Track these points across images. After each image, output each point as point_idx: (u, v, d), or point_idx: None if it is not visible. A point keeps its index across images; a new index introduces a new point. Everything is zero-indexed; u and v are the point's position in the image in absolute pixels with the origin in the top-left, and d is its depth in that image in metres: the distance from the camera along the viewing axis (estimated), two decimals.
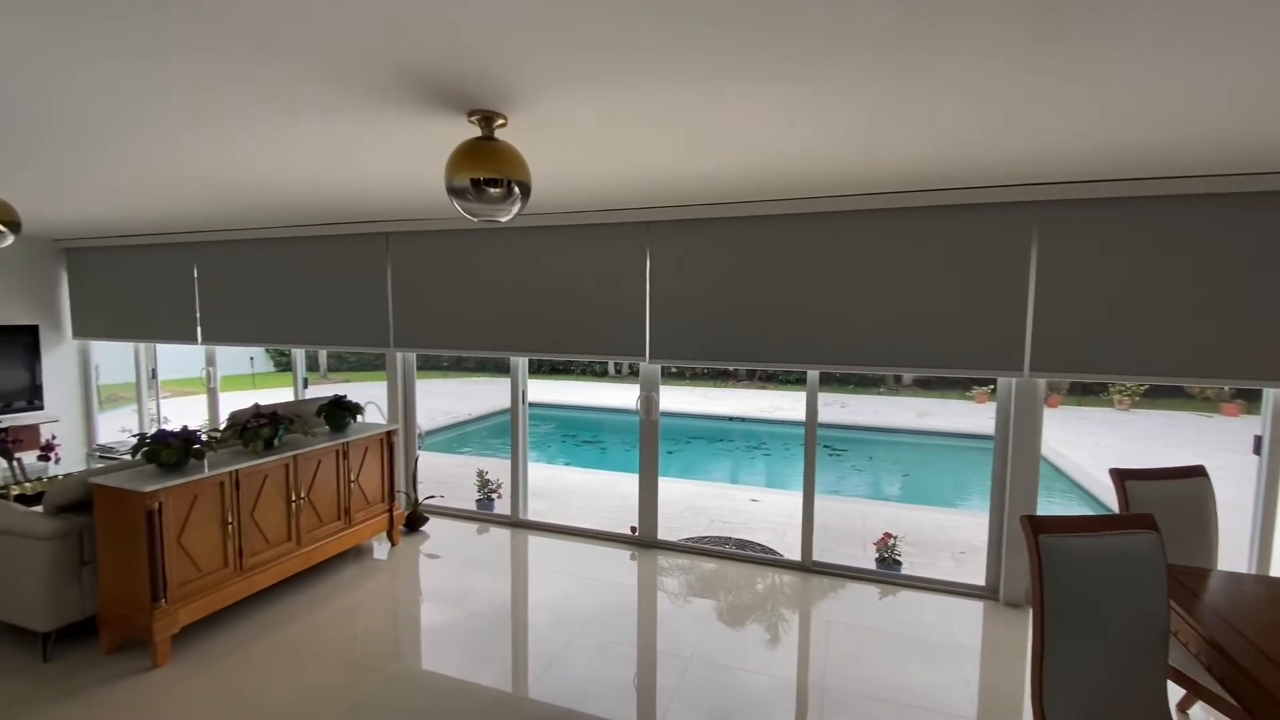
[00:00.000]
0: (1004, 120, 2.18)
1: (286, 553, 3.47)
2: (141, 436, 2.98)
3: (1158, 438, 9.64)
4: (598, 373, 17.21)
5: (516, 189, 2.28)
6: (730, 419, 11.71)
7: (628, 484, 6.20)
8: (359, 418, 4.13)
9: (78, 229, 5.33)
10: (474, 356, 4.61)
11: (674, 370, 16.12)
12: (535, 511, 4.91)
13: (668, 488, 4.44)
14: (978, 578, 3.73)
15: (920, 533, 4.94)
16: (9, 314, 5.66)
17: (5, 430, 5.18)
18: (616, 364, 17.05)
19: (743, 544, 4.56)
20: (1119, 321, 3.17)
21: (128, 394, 6.82)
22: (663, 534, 4.41)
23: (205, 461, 3.14)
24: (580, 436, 11.55)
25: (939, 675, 2.86)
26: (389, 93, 2.01)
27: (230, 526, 3.13)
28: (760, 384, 14.94)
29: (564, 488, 6.24)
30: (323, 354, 17.16)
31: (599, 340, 4.22)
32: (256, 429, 3.28)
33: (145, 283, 5.75)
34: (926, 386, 13.76)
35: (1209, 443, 9.07)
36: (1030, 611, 3.39)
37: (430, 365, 17.07)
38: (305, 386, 5.53)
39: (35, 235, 5.56)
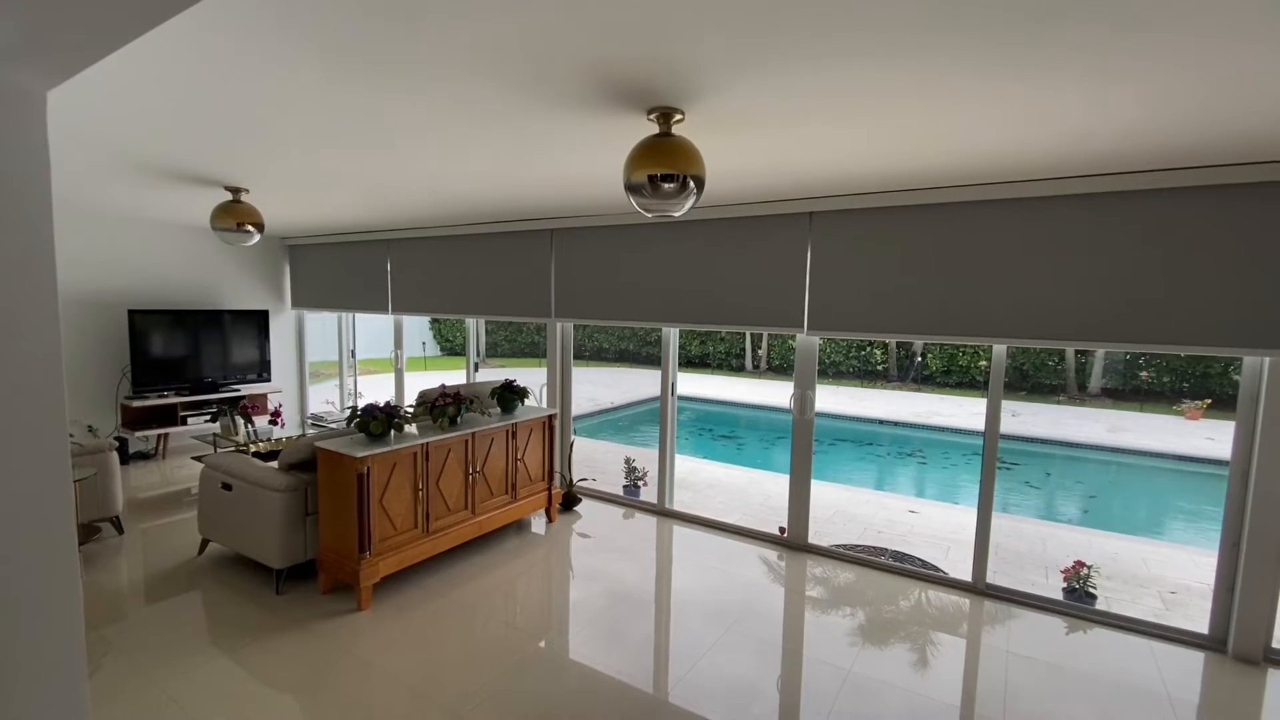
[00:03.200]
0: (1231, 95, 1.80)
1: (463, 520, 3.83)
2: (353, 409, 3.43)
3: None
4: (734, 367, 17.05)
5: (692, 183, 2.30)
6: (881, 422, 11.03)
7: (772, 482, 6.08)
8: (525, 401, 4.43)
9: (298, 229, 6.26)
10: (628, 326, 4.77)
11: (819, 367, 15.52)
12: (679, 502, 4.97)
13: (816, 490, 4.28)
14: (1198, 624, 3.18)
15: (1116, 564, 4.32)
16: (247, 299, 6.80)
17: (245, 398, 6.24)
18: (755, 359, 16.76)
19: (900, 556, 4.28)
20: None
21: (327, 370, 7.91)
22: (812, 538, 4.26)
23: (404, 433, 3.55)
24: (717, 431, 11.52)
25: None
26: (577, 95, 2.11)
27: (420, 493, 3.51)
28: (915, 386, 13.90)
29: (707, 481, 6.26)
30: (482, 340, 18.71)
31: (754, 313, 4.19)
32: (444, 407, 3.64)
33: (348, 268, 6.64)
34: (1118, 397, 11.94)
35: None
36: (1271, 670, 2.85)
37: (576, 355, 17.96)
38: (476, 370, 6.05)
39: (267, 235, 6.61)
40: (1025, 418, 10.61)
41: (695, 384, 14.11)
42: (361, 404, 3.47)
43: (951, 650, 3.10)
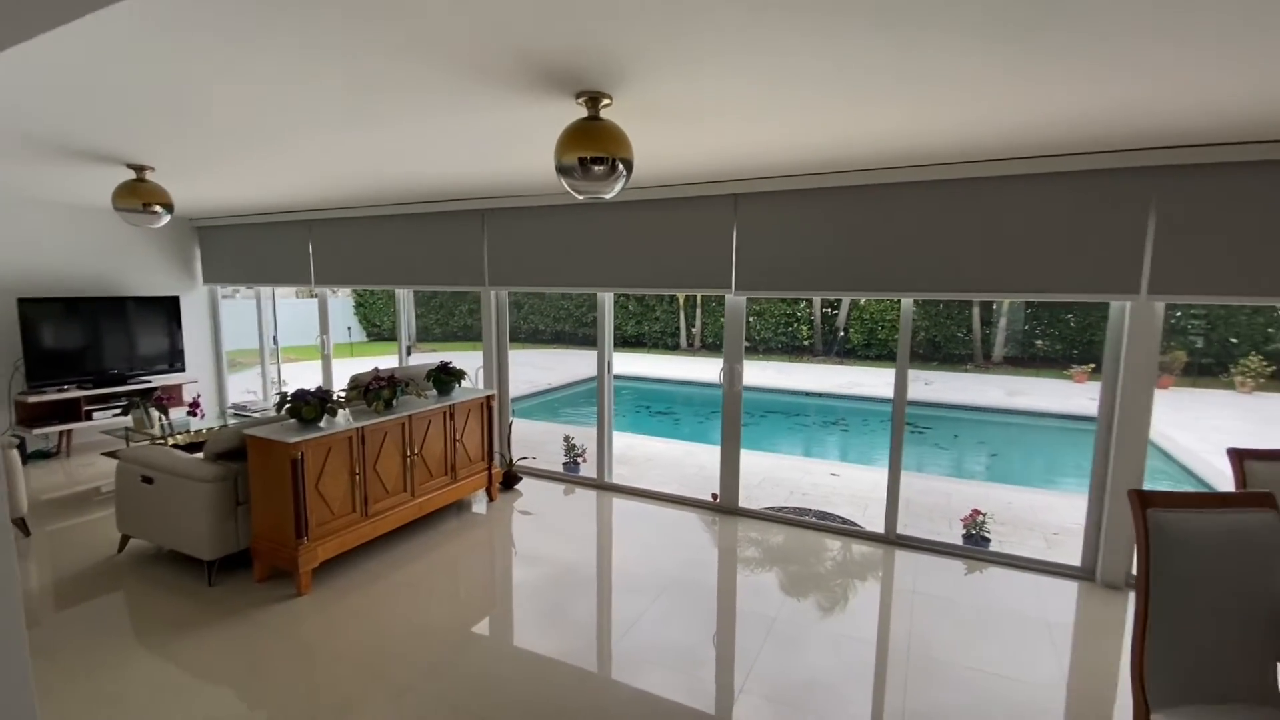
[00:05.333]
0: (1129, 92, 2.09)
1: (402, 502, 3.84)
2: (283, 395, 3.36)
3: None
4: (669, 346, 17.34)
5: (621, 166, 2.40)
6: (807, 394, 11.58)
7: (705, 454, 6.34)
8: (462, 383, 4.45)
9: (211, 209, 5.92)
10: (564, 292, 4.87)
11: (746, 345, 16.03)
12: (618, 476, 5.13)
13: (746, 459, 4.54)
14: (1073, 559, 3.64)
15: (1010, 512, 4.82)
16: (154, 285, 6.39)
17: (159, 390, 5.91)
18: (689, 337, 17.11)
19: (823, 515, 4.62)
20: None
21: (245, 360, 7.56)
22: (743, 502, 4.53)
23: (337, 418, 3.51)
24: (654, 408, 11.76)
25: (1028, 650, 2.85)
26: (504, 77, 2.16)
27: (357, 477, 3.50)
28: (838, 359, 14.61)
29: (644, 455, 6.45)
30: (412, 324, 18.18)
31: (684, 276, 4.38)
32: (378, 390, 3.62)
33: (267, 244, 6.36)
34: (1017, 364, 13.03)
35: None
36: (1130, 593, 3.31)
37: (511, 338, 17.74)
38: (409, 354, 5.96)
39: (176, 216, 6.21)
40: (937, 386, 11.43)
41: (632, 363, 14.29)
42: (277, 392, 3.41)
43: (867, 593, 3.43)
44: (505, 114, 2.58)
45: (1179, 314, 11.52)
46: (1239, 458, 2.33)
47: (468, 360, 5.32)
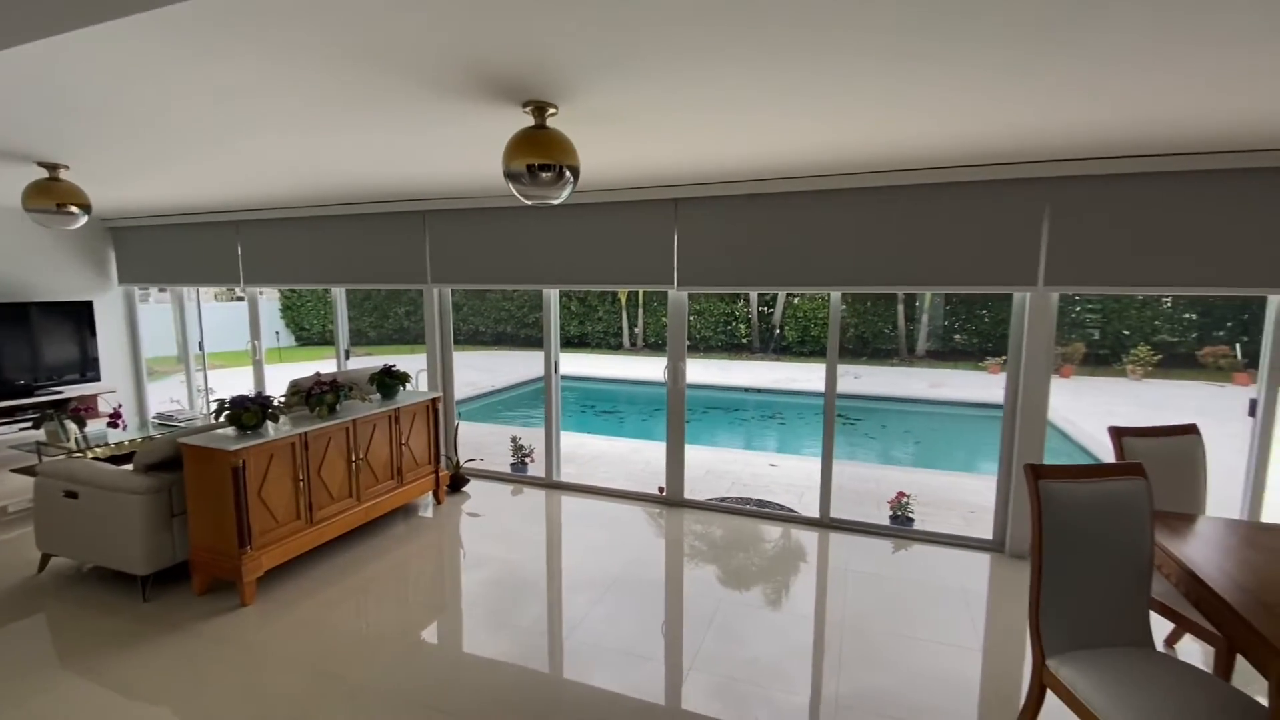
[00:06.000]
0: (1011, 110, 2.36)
1: (348, 508, 3.80)
2: (221, 402, 3.28)
3: (1168, 406, 9.78)
4: (613, 346, 17.46)
5: (568, 173, 2.50)
6: (746, 390, 11.95)
7: (651, 450, 6.50)
8: (407, 386, 4.42)
9: (129, 209, 5.61)
10: (508, 290, 4.89)
11: (688, 343, 16.33)
12: (566, 475, 5.21)
13: (690, 453, 4.72)
14: (985, 533, 3.99)
15: (932, 494, 5.21)
16: (63, 290, 5.98)
17: (73, 401, 5.55)
18: (632, 337, 17.27)
19: (762, 503, 4.85)
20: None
21: (164, 368, 7.16)
22: (688, 494, 4.70)
23: (278, 424, 3.45)
24: (599, 407, 11.86)
25: (948, 615, 3.14)
26: (452, 86, 2.22)
27: (301, 483, 3.45)
28: (774, 356, 15.13)
29: (591, 454, 6.55)
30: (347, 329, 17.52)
31: (629, 272, 4.51)
32: (321, 395, 3.57)
33: (191, 244, 6.06)
34: (939, 358, 13.89)
35: (1219, 411, 9.21)
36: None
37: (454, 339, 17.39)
38: (348, 358, 5.83)
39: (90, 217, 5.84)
40: (866, 379, 12.06)
41: (576, 363, 14.34)
42: (215, 399, 3.32)
43: (803, 573, 3.66)
44: (453, 122, 2.63)
45: (1078, 309, 12.59)
46: (1118, 435, 2.67)
47: (406, 363, 5.27)
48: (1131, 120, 2.55)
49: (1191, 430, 2.71)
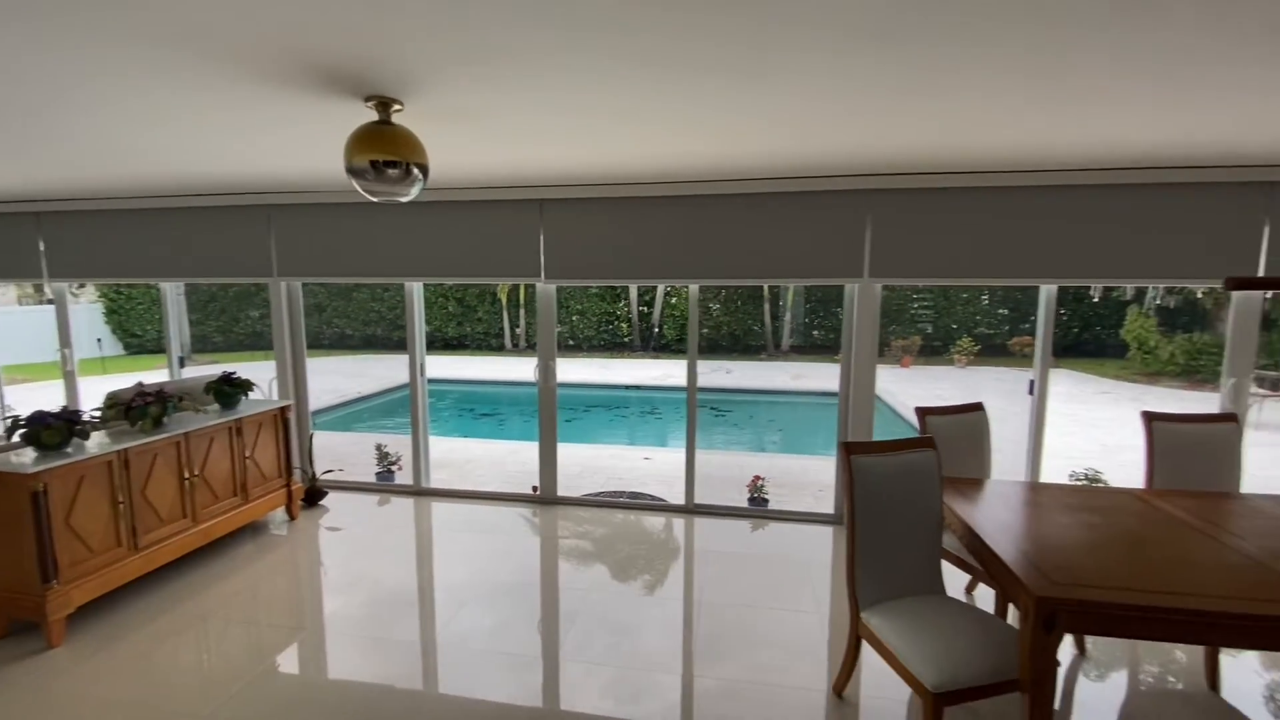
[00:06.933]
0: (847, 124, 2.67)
1: (182, 530, 3.46)
2: (15, 419, 2.87)
3: (983, 388, 11.27)
4: (494, 347, 17.09)
5: (416, 170, 2.47)
6: (627, 388, 12.21)
7: (529, 451, 6.45)
8: (250, 394, 4.10)
9: None
10: (363, 283, 4.65)
11: (570, 343, 16.38)
12: (438, 481, 5.08)
13: (567, 452, 4.79)
14: (829, 508, 4.42)
15: (788, 476, 5.66)
16: None
17: None
18: (513, 338, 17.01)
19: (635, 495, 5.03)
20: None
21: None
22: (563, 492, 4.77)
23: (91, 442, 3.08)
24: (479, 410, 11.59)
25: (794, 583, 3.46)
26: (287, 78, 2.14)
27: (122, 506, 3.10)
28: (654, 354, 15.56)
29: (466, 458, 6.41)
30: (186, 331, 15.72)
31: (495, 265, 4.48)
32: (144, 407, 3.23)
33: None
34: (801, 352, 15.03)
35: (1019, 393, 10.76)
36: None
37: (312, 344, 16.15)
38: (183, 366, 5.28)
39: None
40: (736, 373, 12.79)
41: (454, 366, 13.87)
42: (8, 416, 2.91)
43: (670, 558, 3.86)
44: (292, 115, 2.51)
45: (915, 306, 14.18)
46: (922, 414, 3.08)
47: (261, 371, 4.88)
48: (930, 144, 2.97)
49: (978, 408, 3.19)
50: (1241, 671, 2.71)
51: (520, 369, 13.54)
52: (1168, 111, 2.46)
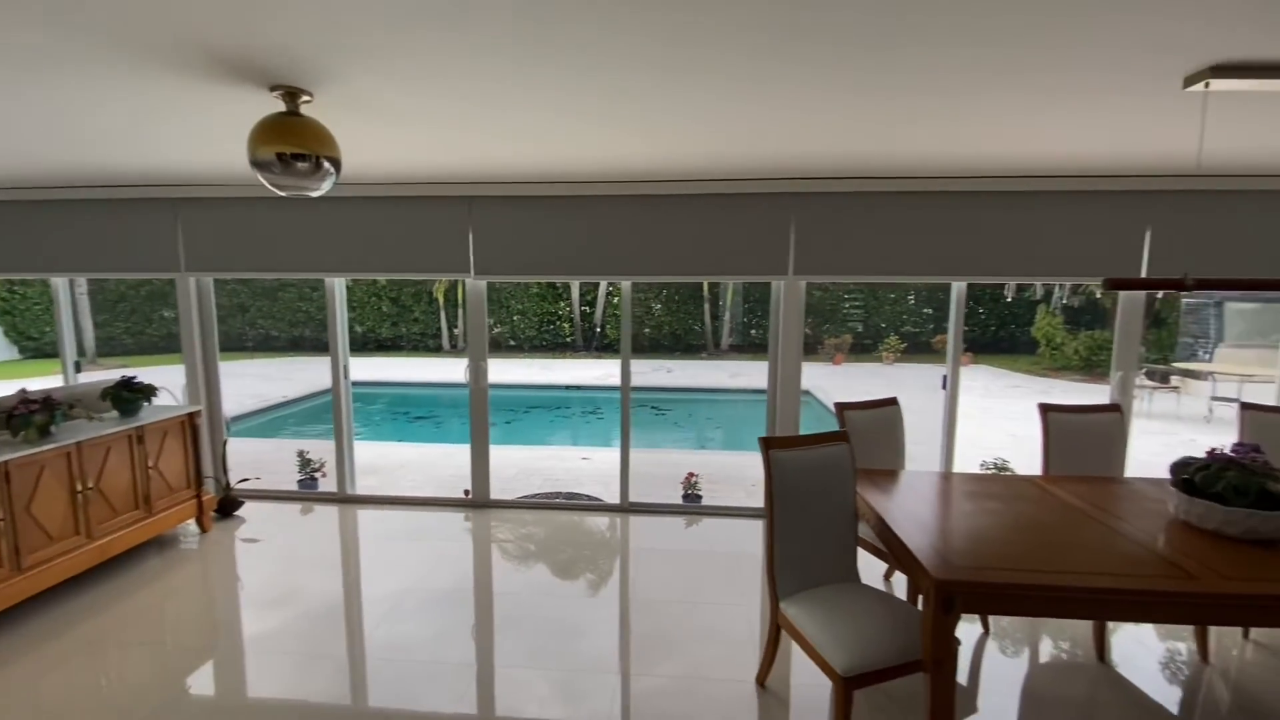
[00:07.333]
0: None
1: (75, 547, 3.21)
2: None
3: (907, 384, 11.83)
4: (431, 348, 16.66)
5: (328, 164, 2.38)
6: (568, 388, 12.13)
7: (464, 454, 6.33)
8: (153, 400, 3.84)
9: None
10: (282, 277, 4.44)
11: (511, 344, 16.15)
12: (365, 487, 4.91)
13: (502, 454, 4.72)
14: (760, 502, 4.52)
15: (722, 472, 5.76)
16: None
17: None
18: (451, 339, 16.62)
19: (571, 495, 5.00)
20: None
21: None
22: (497, 494, 4.69)
23: None
24: (413, 413, 11.26)
25: (726, 577, 3.53)
26: (187, 65, 2.02)
27: (3, 523, 2.85)
28: (597, 354, 15.53)
29: (396, 463, 6.21)
30: (88, 332, 14.59)
31: (422, 260, 4.38)
32: (27, 416, 2.98)
33: None
34: (740, 351, 15.35)
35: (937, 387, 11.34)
36: None
37: (234, 346, 15.30)
38: (79, 370, 4.90)
39: None
40: (677, 372, 12.91)
41: (388, 368, 13.43)
42: None
43: (607, 554, 3.87)
44: (189, 103, 2.37)
45: (846, 306, 14.72)
46: (840, 409, 3.20)
47: (174, 375, 4.59)
48: (844, 152, 3.08)
49: (893, 402, 3.34)
50: (1126, 642, 2.95)
51: (458, 370, 13.25)
52: (1049, 129, 2.65)
